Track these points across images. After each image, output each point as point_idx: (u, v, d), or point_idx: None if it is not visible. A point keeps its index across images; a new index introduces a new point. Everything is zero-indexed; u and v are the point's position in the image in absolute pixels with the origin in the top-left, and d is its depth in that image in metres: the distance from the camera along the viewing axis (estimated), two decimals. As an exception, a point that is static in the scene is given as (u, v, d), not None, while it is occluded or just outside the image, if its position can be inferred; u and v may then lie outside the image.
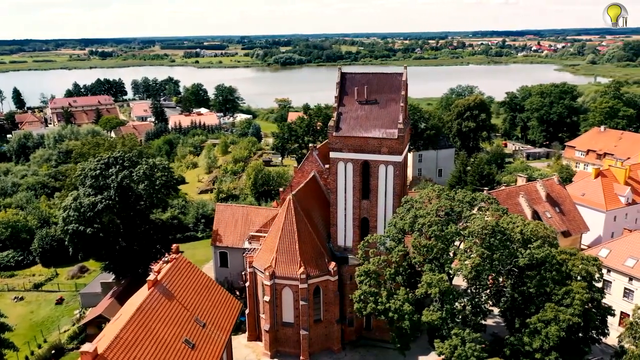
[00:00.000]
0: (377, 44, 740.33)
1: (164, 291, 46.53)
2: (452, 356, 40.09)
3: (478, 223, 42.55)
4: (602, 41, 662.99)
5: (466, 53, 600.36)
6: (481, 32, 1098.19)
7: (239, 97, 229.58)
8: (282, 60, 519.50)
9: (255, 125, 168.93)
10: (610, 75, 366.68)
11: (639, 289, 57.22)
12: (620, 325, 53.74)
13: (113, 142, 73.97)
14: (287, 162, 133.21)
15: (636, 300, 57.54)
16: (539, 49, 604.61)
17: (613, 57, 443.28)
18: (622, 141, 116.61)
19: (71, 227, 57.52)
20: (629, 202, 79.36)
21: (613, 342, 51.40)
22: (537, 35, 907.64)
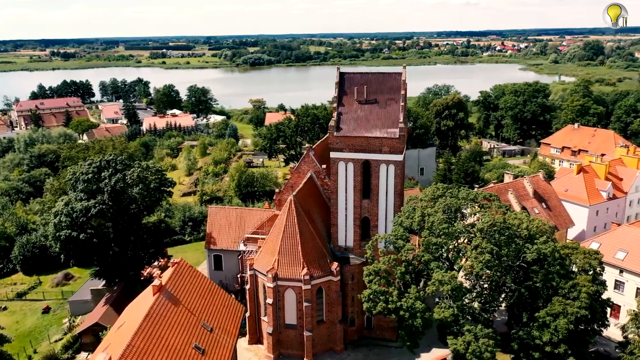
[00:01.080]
0: (344, 44, 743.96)
1: (170, 296, 45.61)
2: (467, 352, 40.51)
3: (486, 220, 43.13)
4: (562, 41, 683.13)
5: (433, 53, 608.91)
6: (445, 33, 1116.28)
7: (212, 98, 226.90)
8: (251, 60, 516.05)
9: (232, 126, 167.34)
10: (573, 74, 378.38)
11: (630, 280, 59.13)
12: (611, 317, 55.41)
13: (103, 145, 71.97)
14: (268, 163, 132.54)
15: (627, 292, 59.54)
16: (503, 48, 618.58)
17: (574, 57, 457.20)
18: (595, 138, 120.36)
19: (63, 233, 55.70)
20: (610, 197, 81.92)
21: (606, 333, 52.96)
22: (499, 36, 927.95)
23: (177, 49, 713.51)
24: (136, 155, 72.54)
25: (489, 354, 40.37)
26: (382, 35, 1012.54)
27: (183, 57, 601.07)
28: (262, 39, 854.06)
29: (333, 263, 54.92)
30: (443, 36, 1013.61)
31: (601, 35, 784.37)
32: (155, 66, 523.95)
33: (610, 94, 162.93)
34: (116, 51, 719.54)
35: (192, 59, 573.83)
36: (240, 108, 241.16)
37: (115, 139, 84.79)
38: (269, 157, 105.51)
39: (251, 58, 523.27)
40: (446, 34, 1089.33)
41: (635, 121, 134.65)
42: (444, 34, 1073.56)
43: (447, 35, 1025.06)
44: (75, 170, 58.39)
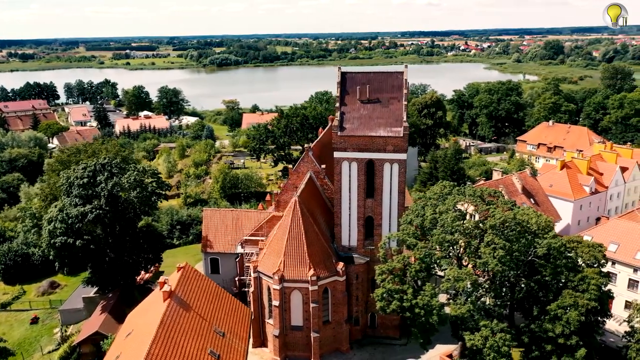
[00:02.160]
0: (310, 44, 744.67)
1: (180, 302, 44.65)
2: (485, 347, 41.04)
3: (498, 216, 43.78)
4: (523, 41, 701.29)
5: (399, 53, 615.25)
6: (409, 33, 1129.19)
7: (184, 99, 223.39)
8: (218, 61, 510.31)
9: (208, 128, 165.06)
10: (536, 73, 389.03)
11: (622, 272, 61.08)
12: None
13: (96, 149, 69.64)
14: (249, 164, 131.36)
15: (619, 283, 61.48)
16: (467, 48, 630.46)
17: (536, 56, 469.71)
18: (570, 134, 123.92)
19: (59, 240, 53.70)
20: (592, 191, 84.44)
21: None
22: (462, 36, 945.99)
23: (140, 50, 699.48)
24: (130, 159, 70.46)
25: (507, 348, 41.05)
26: (347, 35, 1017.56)
27: (147, 57, 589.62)
28: (227, 39, 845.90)
29: (339, 263, 54.80)
30: (407, 36, 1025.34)
31: (558, 35, 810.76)
32: (119, 67, 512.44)
33: (579, 92, 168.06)
34: (77, 52, 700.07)
35: (157, 60, 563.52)
36: (212, 109, 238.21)
37: (106, 141, 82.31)
38: (257, 158, 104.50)
39: (218, 58, 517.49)
40: (410, 34, 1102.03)
41: (605, 117, 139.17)
42: (408, 34, 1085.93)
43: (411, 35, 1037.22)
44: (69, 175, 56.30)
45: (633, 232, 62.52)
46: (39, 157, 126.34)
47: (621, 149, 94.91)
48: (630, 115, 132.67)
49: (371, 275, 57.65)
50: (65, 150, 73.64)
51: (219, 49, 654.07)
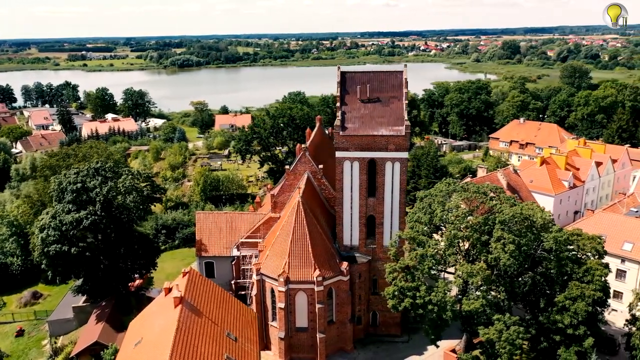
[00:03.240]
0: (272, 45, 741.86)
1: (192, 308, 43.75)
2: (500, 340, 41.83)
3: (507, 212, 44.68)
4: (480, 41, 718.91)
5: (361, 53, 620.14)
6: (368, 33, 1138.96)
7: (150, 100, 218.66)
8: (180, 62, 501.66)
9: (180, 130, 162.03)
10: (495, 72, 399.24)
11: (610, 263, 63.25)
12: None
13: (86, 153, 67.01)
14: (226, 165, 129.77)
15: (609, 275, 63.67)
16: (427, 48, 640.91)
17: (494, 56, 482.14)
18: (540, 131, 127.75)
19: (53, 248, 51.57)
20: (571, 186, 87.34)
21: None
22: (420, 36, 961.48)
23: (96, 51, 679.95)
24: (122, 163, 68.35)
25: (520, 341, 42.01)
26: (307, 36, 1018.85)
27: (105, 59, 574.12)
28: (186, 40, 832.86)
29: (343, 263, 54.79)
30: (366, 36, 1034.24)
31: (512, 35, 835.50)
32: (75, 69, 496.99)
33: (544, 90, 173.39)
34: (29, 53, 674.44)
35: (116, 61, 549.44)
36: (179, 111, 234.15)
37: (94, 144, 79.45)
38: (242, 159, 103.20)
39: (179, 59, 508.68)
40: (369, 34, 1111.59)
41: (572, 114, 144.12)
42: (367, 35, 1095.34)
43: (370, 36, 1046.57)
44: (61, 180, 54.11)
45: (618, 223, 64.99)
46: (4, 163, 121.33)
47: (594, 145, 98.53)
48: (595, 112, 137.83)
49: (373, 274, 58.06)
50: (53, 155, 70.71)
51: (179, 49, 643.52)
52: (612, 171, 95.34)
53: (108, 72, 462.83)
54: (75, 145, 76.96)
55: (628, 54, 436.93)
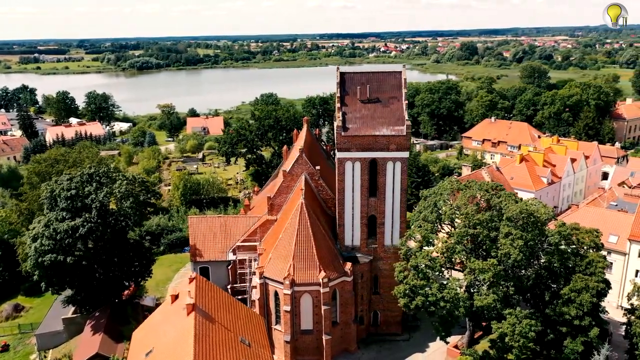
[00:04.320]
0: (232, 46, 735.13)
1: (204, 315, 42.80)
2: (514, 334, 42.70)
3: (513, 208, 45.67)
4: (437, 42, 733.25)
5: (322, 54, 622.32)
6: (327, 35, 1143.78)
7: (114, 104, 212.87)
8: (138, 64, 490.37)
9: (150, 134, 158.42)
10: (455, 73, 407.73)
11: (597, 255, 65.58)
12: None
13: (78, 158, 64.15)
14: (202, 169, 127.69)
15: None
16: (387, 50, 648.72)
17: (453, 57, 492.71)
18: (511, 130, 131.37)
19: (47, 258, 49.36)
20: (549, 182, 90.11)
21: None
22: (378, 38, 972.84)
23: (49, 53, 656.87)
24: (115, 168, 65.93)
25: (533, 334, 43.01)
26: (266, 38, 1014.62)
27: (59, 62, 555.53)
28: (144, 42, 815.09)
29: (346, 263, 54.76)
30: (325, 38, 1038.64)
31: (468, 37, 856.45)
32: (28, 72, 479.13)
33: (510, 90, 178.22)
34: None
35: (71, 64, 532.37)
36: (144, 114, 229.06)
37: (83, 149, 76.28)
38: (227, 161, 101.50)
39: (138, 62, 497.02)
40: (328, 36, 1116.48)
41: (539, 113, 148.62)
42: (326, 36, 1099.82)
43: (329, 37, 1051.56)
44: (53, 187, 51.86)
45: (602, 217, 67.34)
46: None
47: (568, 142, 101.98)
48: (561, 110, 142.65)
49: (374, 274, 58.26)
50: (41, 161, 67.57)
51: (137, 51, 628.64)
52: (585, 167, 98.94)
53: (63, 75, 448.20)
54: (64, 151, 73.89)
55: (579, 54, 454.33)
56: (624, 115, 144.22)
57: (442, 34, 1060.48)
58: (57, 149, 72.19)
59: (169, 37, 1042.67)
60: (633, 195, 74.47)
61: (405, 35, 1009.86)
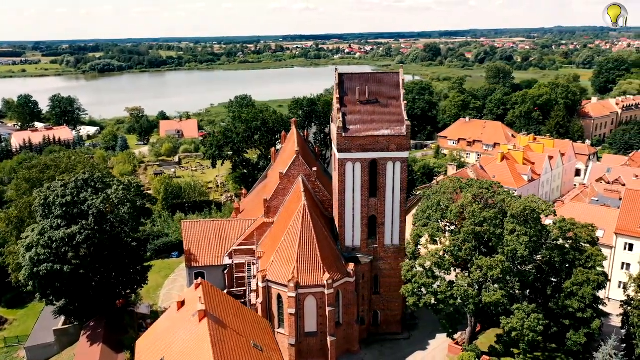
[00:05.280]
0: (194, 48, 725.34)
1: (217, 321, 42.04)
2: (523, 328, 43.62)
3: (517, 205, 46.68)
4: (400, 43, 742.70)
5: (287, 56, 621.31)
6: (291, 36, 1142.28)
7: (80, 107, 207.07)
8: (100, 67, 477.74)
9: (122, 138, 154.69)
10: (420, 74, 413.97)
11: (584, 249, 67.70)
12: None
13: (70, 163, 61.63)
14: (180, 173, 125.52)
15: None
16: (351, 51, 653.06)
17: (417, 58, 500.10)
18: (486, 129, 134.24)
19: (44, 267, 47.49)
20: (530, 179, 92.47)
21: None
22: (341, 39, 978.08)
23: (3, 56, 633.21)
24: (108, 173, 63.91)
25: (541, 327, 44.03)
26: (228, 39, 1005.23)
27: (15, 64, 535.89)
28: (103, 44, 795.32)
29: (349, 264, 54.80)
30: (289, 40, 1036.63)
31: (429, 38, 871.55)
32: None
33: (481, 90, 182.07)
34: None
35: (28, 67, 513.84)
36: (111, 117, 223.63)
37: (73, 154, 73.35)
38: (213, 164, 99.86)
39: (99, 64, 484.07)
40: (291, 37, 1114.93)
41: (509, 112, 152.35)
42: (290, 38, 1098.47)
43: (292, 39, 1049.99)
44: (47, 194, 49.90)
45: (587, 212, 69.41)
46: None
47: (545, 140, 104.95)
48: (531, 109, 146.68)
49: (374, 274, 58.50)
50: (31, 168, 64.66)
51: (97, 54, 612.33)
52: (562, 164, 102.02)
53: (21, 78, 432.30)
54: (54, 156, 71.14)
55: (538, 55, 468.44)
56: (590, 114, 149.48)
57: (404, 35, 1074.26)
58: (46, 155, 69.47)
59: (128, 39, 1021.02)
60: (613, 191, 77.23)
61: (368, 37, 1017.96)
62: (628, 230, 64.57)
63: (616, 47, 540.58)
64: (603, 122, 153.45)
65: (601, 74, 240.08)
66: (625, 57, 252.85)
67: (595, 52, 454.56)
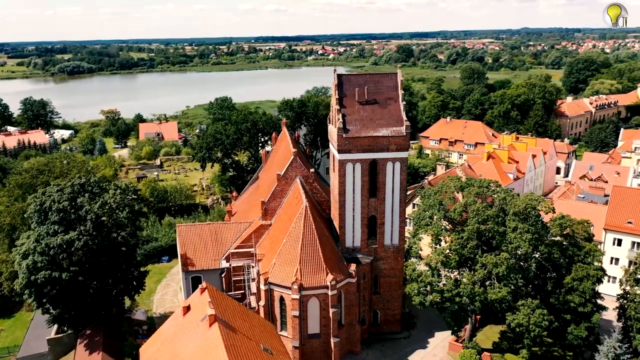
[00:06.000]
0: (166, 50, 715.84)
1: (226, 325, 41.54)
2: (529, 323, 44.35)
3: (519, 203, 47.47)
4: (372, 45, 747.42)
5: (260, 57, 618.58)
6: (262, 38, 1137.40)
7: (53, 110, 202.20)
8: (69, 69, 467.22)
9: (101, 141, 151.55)
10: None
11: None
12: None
13: (64, 168, 59.59)
14: (162, 176, 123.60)
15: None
16: (324, 52, 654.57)
17: (390, 59, 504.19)
18: (467, 129, 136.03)
19: (41, 275, 46.09)
20: (515, 177, 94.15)
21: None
22: (314, 41, 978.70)
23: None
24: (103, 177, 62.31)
25: (547, 322, 44.85)
26: (200, 41, 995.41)
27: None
28: (71, 46, 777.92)
29: (350, 265, 54.83)
30: (261, 41, 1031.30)
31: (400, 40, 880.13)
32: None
33: (459, 90, 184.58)
34: None
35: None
36: (85, 120, 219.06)
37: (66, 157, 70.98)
38: (202, 167, 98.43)
39: (68, 66, 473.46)
40: (263, 39, 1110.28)
41: (488, 112, 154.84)
42: (262, 39, 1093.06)
43: (264, 40, 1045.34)
44: (42, 200, 48.41)
45: (576, 209, 70.87)
46: None
47: (527, 139, 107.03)
48: (509, 109, 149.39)
49: (374, 274, 58.67)
50: (23, 173, 62.42)
51: (66, 55, 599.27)
52: (544, 162, 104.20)
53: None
54: (47, 160, 68.96)
55: (508, 56, 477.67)
56: (566, 113, 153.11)
57: (375, 36, 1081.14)
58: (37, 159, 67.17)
59: (97, 41, 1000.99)
60: (597, 188, 79.28)
61: (340, 38, 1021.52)
62: (616, 225, 66.35)
63: (582, 47, 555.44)
64: (578, 121, 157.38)
65: (572, 74, 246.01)
66: (594, 58, 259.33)
67: (562, 53, 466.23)
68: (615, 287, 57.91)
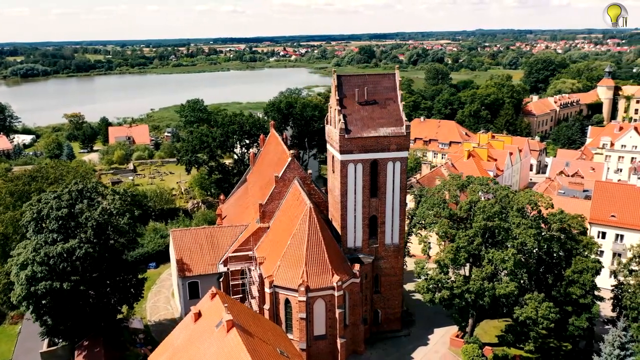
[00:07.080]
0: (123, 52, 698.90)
1: (243, 330, 40.81)
2: (537, 317, 45.54)
3: (522, 200, 48.68)
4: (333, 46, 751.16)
5: (221, 59, 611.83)
6: (221, 39, 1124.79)
7: (13, 115, 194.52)
8: (22, 71, 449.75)
9: (68, 146, 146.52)
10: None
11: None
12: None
13: (58, 174, 56.80)
14: (138, 180, 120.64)
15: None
16: (286, 54, 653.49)
17: (353, 60, 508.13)
18: (440, 128, 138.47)
19: (41, 286, 44.16)
20: (495, 175, 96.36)
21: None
22: (273, 42, 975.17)
23: None
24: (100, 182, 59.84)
25: (554, 315, 46.13)
26: (157, 42, 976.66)
27: None
28: (21, 47, 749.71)
29: (354, 265, 54.97)
30: (219, 42, 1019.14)
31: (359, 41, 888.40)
32: None
33: (427, 91, 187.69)
34: None
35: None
36: (46, 125, 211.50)
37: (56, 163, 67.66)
38: (188, 170, 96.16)
39: (22, 69, 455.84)
40: (222, 40, 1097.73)
41: (459, 112, 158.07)
42: (220, 41, 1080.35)
43: (223, 42, 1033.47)
44: (39, 208, 46.35)
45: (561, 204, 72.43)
46: None
47: (503, 137, 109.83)
48: (479, 108, 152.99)
49: (375, 273, 58.99)
50: (14, 179, 59.25)
51: (17, 58, 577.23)
52: (520, 160, 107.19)
53: None
54: (39, 166, 65.78)
55: (467, 57, 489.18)
56: (533, 112, 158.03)
57: (335, 38, 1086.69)
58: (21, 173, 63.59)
59: (48, 42, 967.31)
60: (576, 183, 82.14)
61: (300, 40, 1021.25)
62: (601, 219, 68.88)
63: (535, 48, 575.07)
64: (544, 119, 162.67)
65: (531, 74, 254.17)
66: (552, 58, 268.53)
67: (518, 54, 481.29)
68: (605, 279, 60.29)
